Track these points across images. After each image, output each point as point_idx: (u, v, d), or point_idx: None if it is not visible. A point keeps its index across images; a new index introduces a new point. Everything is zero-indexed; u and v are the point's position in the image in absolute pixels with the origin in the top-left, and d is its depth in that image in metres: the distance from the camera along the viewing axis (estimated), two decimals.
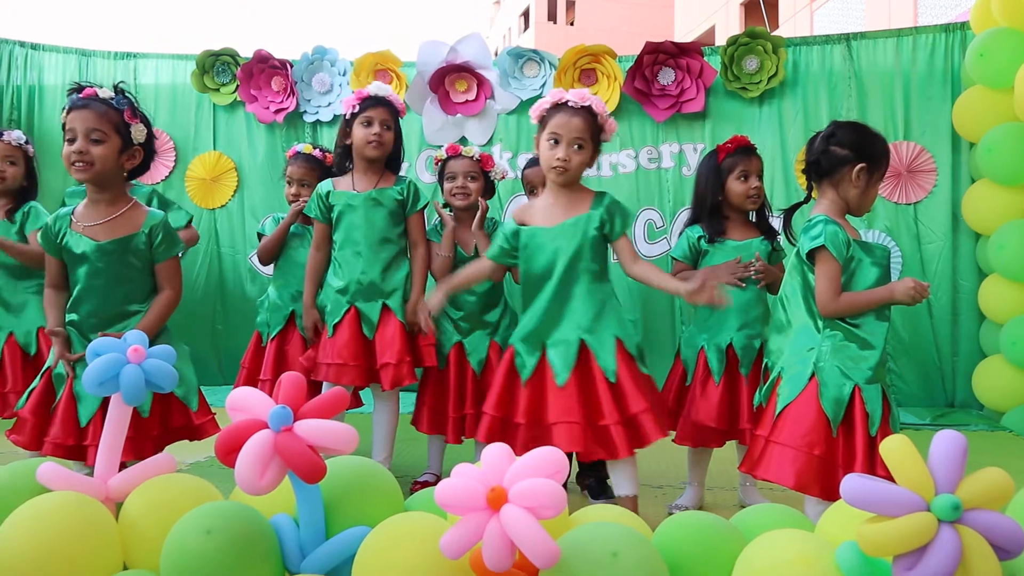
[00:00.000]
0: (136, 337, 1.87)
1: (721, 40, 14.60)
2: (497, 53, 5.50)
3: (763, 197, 2.96)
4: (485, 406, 2.53)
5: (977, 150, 4.61)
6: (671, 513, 2.59)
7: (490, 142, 5.33)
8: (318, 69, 5.43)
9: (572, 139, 2.45)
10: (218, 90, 5.46)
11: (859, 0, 15.88)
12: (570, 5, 32.66)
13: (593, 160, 2.56)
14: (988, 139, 4.47)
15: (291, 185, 3.53)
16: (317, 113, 5.44)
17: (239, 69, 5.36)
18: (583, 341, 2.45)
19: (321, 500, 1.65)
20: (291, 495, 1.65)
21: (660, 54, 5.03)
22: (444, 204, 3.30)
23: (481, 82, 5.22)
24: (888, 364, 2.36)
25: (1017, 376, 4.41)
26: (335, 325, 2.99)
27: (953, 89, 4.91)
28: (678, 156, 5.20)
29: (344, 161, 3.11)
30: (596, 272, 2.51)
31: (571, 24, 31.92)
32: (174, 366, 2.29)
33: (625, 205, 2.59)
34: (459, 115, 5.29)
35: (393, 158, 3.12)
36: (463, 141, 5.31)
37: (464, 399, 3.10)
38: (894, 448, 1.32)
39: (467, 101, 5.26)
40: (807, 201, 2.54)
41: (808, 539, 1.47)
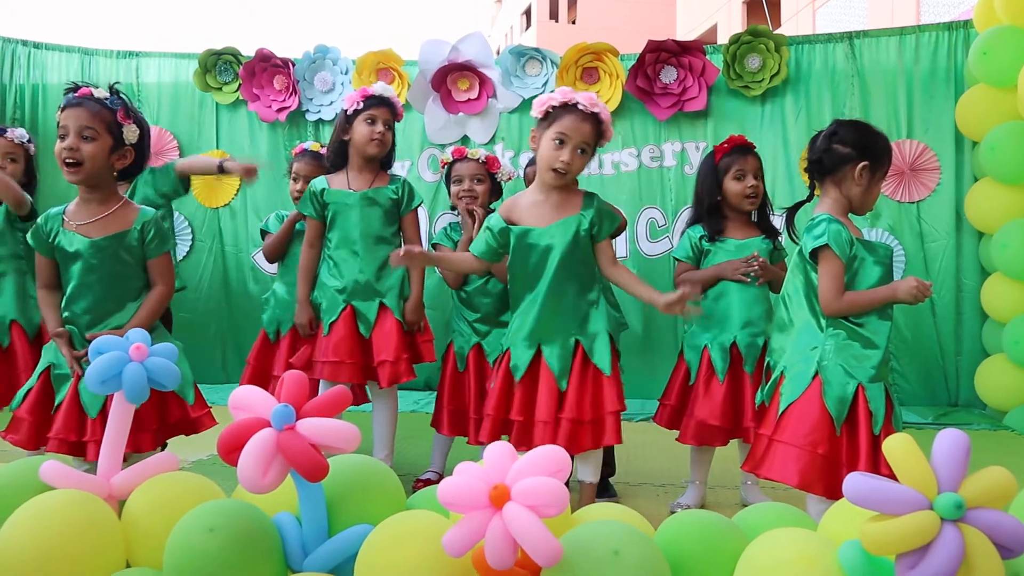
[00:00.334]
0: (138, 335, 1.88)
1: (723, 38, 14.59)
2: (499, 52, 5.50)
3: (762, 196, 2.96)
4: (486, 408, 2.55)
5: (980, 149, 4.60)
6: (673, 512, 2.59)
7: (492, 141, 5.33)
8: (320, 68, 5.43)
9: (579, 143, 2.45)
10: (220, 89, 5.47)
11: None
12: (572, 3, 32.65)
13: (587, 164, 2.57)
14: (991, 138, 4.46)
15: (296, 182, 3.53)
16: (319, 112, 5.45)
17: (241, 68, 5.36)
18: (578, 341, 2.48)
19: (323, 498, 1.65)
20: (293, 493, 1.65)
21: (662, 52, 5.02)
22: (452, 207, 3.30)
23: (483, 81, 5.22)
24: (891, 363, 2.36)
25: (1020, 375, 4.40)
26: (331, 323, 2.99)
27: (956, 88, 4.90)
28: (680, 155, 5.20)
29: (339, 156, 3.10)
30: (588, 270, 2.53)
31: (573, 22, 31.91)
32: None
33: (626, 204, 2.60)
34: (461, 114, 5.29)
35: (387, 158, 3.13)
36: (465, 140, 5.32)
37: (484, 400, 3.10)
38: (897, 447, 1.32)
39: (469, 100, 5.26)
40: (809, 200, 2.54)
41: (810, 538, 1.47)
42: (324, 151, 3.57)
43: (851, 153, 2.31)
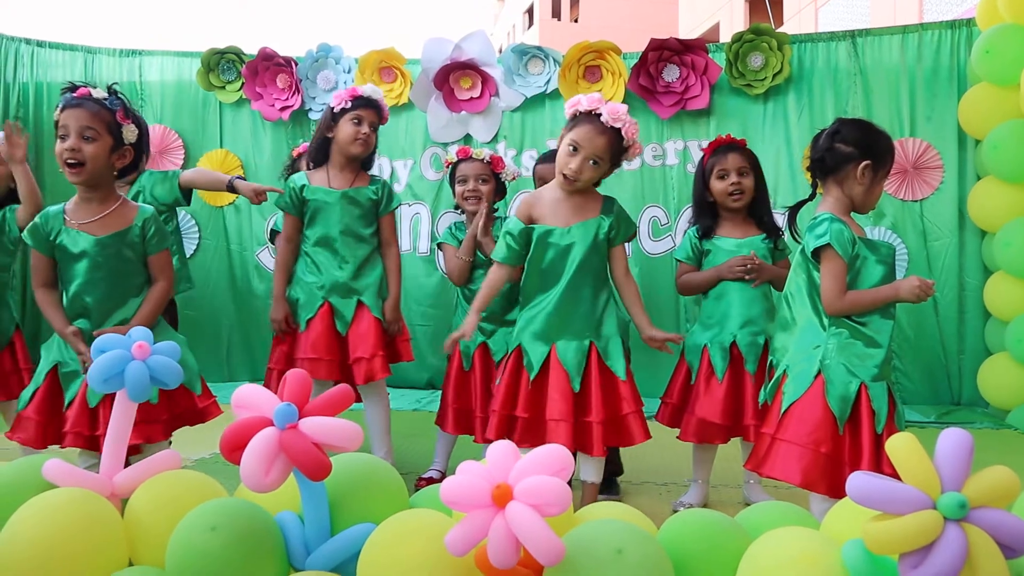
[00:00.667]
0: (141, 334, 1.88)
1: (726, 37, 14.56)
2: (501, 50, 5.51)
3: (750, 193, 2.94)
4: (493, 404, 2.56)
5: (983, 147, 4.59)
6: (676, 510, 2.59)
7: (494, 139, 5.33)
8: (323, 67, 5.43)
9: (591, 155, 2.47)
10: (223, 88, 5.47)
11: None
12: (574, 2, 32.62)
13: (607, 174, 2.59)
14: (994, 136, 4.45)
15: None
16: (322, 111, 5.44)
17: (244, 67, 5.36)
18: (592, 343, 2.50)
19: (326, 497, 1.65)
20: (296, 492, 1.65)
21: (665, 51, 5.02)
22: (456, 206, 3.30)
23: (485, 79, 5.22)
24: (893, 362, 2.36)
25: (1022, 374, 4.40)
26: (308, 320, 3.00)
27: (959, 86, 4.89)
28: (683, 153, 5.19)
29: (321, 153, 3.11)
30: (602, 274, 2.57)
31: (575, 21, 31.88)
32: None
33: (628, 203, 2.62)
34: (464, 112, 5.29)
35: (368, 158, 3.15)
36: (467, 138, 5.32)
37: (490, 398, 3.11)
38: (900, 446, 1.31)
39: (472, 98, 5.26)
40: (812, 198, 2.54)
41: (813, 537, 1.47)
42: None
43: (853, 152, 2.31)
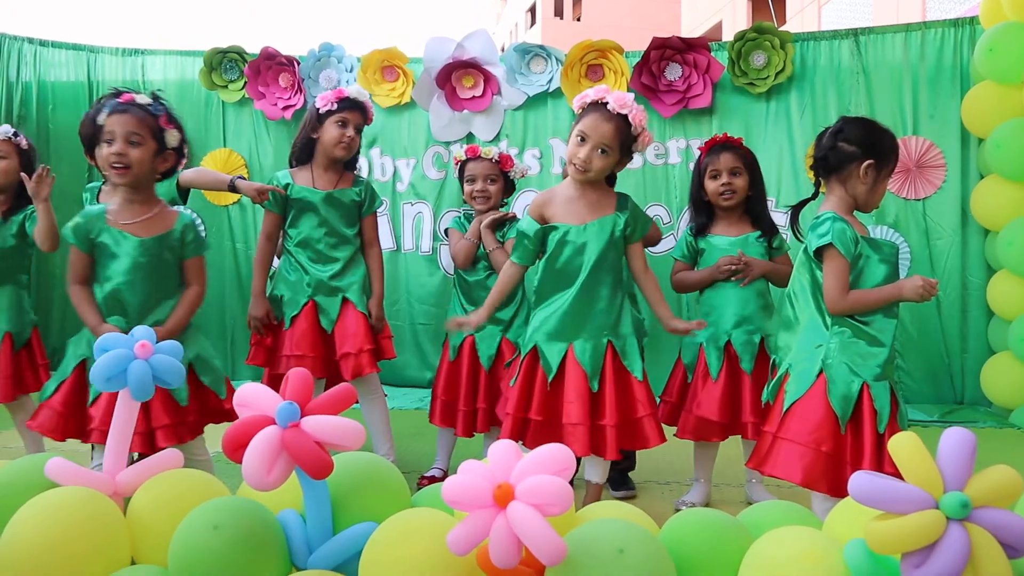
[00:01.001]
0: (144, 333, 1.88)
1: (728, 35, 14.55)
2: (504, 49, 5.49)
3: (742, 192, 2.94)
4: (508, 407, 2.51)
5: (986, 146, 4.58)
6: (678, 509, 2.59)
7: (497, 138, 5.32)
8: (325, 66, 5.43)
9: (597, 143, 2.45)
10: (226, 87, 5.47)
11: None
12: (577, 1, 32.60)
13: (621, 166, 2.57)
14: (997, 135, 4.44)
15: None
16: None
17: (246, 66, 5.36)
18: (610, 342, 2.48)
19: (328, 496, 1.65)
20: (298, 491, 1.65)
21: (667, 49, 5.01)
22: (462, 203, 3.31)
23: (488, 78, 5.21)
24: (896, 361, 2.35)
25: None
26: (293, 317, 3.00)
27: (962, 84, 4.87)
28: (685, 152, 5.19)
29: (305, 153, 3.11)
30: (619, 272, 2.55)
31: (578, 20, 31.86)
32: (205, 357, 2.49)
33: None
34: (466, 111, 5.28)
35: (352, 159, 3.15)
36: (470, 137, 5.31)
37: (476, 394, 3.12)
38: (903, 445, 1.31)
39: (474, 97, 5.25)
40: (814, 197, 2.54)
41: (815, 536, 1.47)
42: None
43: (856, 151, 2.30)
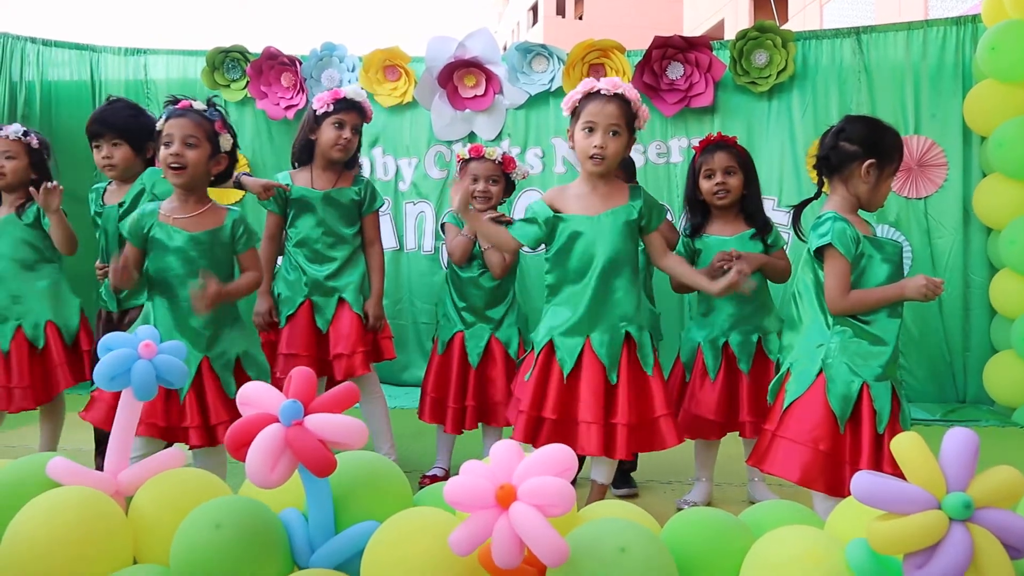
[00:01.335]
0: (147, 332, 1.89)
1: (730, 34, 14.54)
2: (506, 48, 5.50)
3: (736, 192, 2.92)
4: (521, 404, 2.47)
5: (988, 144, 4.58)
6: (680, 509, 2.59)
7: (499, 137, 5.32)
8: (327, 65, 5.43)
9: (608, 126, 2.45)
10: (228, 86, 5.47)
11: None
12: (578, 0, 32.58)
13: (629, 147, 2.56)
14: (999, 133, 4.44)
15: None
16: None
17: (249, 66, 5.37)
18: (628, 332, 2.46)
19: (330, 495, 1.66)
20: (300, 490, 1.65)
21: (669, 48, 5.01)
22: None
23: (490, 77, 5.21)
24: (899, 360, 2.35)
25: None
26: (289, 316, 3.01)
27: (964, 83, 4.86)
28: (687, 151, 5.18)
29: (305, 154, 3.12)
30: (635, 263, 2.53)
31: (580, 18, 31.84)
32: (252, 353, 2.56)
33: None
34: (468, 110, 5.28)
35: (351, 159, 3.15)
36: (472, 136, 5.32)
37: (465, 390, 3.12)
38: (905, 445, 1.31)
39: (476, 96, 5.25)
40: (817, 197, 2.54)
41: (817, 536, 1.47)
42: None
43: (857, 150, 2.30)
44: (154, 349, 1.86)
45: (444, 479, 2.51)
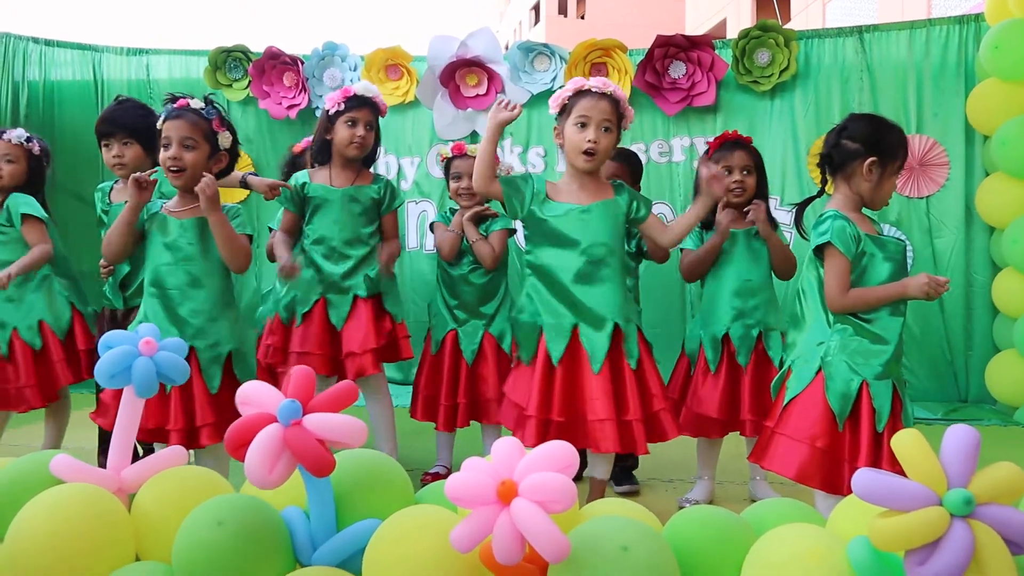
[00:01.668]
0: (148, 330, 1.89)
1: (732, 33, 14.51)
2: (508, 47, 5.49)
3: (752, 190, 2.92)
4: (529, 408, 2.43)
5: (991, 143, 4.57)
6: (682, 507, 2.59)
7: (501, 136, 5.31)
8: (329, 65, 5.44)
9: (601, 121, 2.47)
10: (231, 86, 5.48)
11: None
12: None
13: (616, 146, 2.59)
14: (1002, 132, 4.43)
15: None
16: None
17: (251, 65, 5.38)
18: (617, 325, 2.45)
19: (331, 493, 1.66)
20: (302, 488, 1.66)
21: (671, 47, 5.01)
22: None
23: (492, 76, 5.22)
24: (902, 359, 2.35)
25: None
26: (304, 314, 3.00)
27: (967, 82, 4.86)
28: (689, 150, 5.19)
29: (323, 154, 3.10)
30: (622, 256, 2.54)
31: (582, 18, 31.81)
32: (243, 352, 2.56)
33: None
34: (470, 109, 5.29)
35: (369, 156, 3.14)
36: (474, 135, 5.32)
37: (457, 388, 3.13)
38: (906, 442, 1.31)
39: (477, 95, 5.26)
40: (820, 195, 2.53)
41: (819, 534, 1.47)
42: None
43: (859, 149, 2.30)
44: (155, 346, 1.86)
45: (446, 477, 2.51)
